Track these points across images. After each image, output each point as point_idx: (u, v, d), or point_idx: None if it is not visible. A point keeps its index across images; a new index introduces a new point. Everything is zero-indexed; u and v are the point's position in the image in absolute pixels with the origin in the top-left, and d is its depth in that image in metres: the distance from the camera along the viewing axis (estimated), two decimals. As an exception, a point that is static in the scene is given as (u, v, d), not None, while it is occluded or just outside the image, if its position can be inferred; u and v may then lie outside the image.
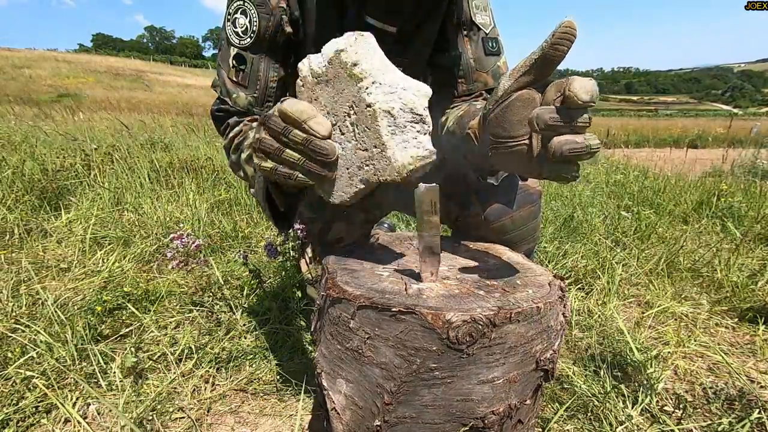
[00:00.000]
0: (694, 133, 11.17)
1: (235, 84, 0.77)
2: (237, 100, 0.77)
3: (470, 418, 0.50)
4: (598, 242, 1.76)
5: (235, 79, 0.76)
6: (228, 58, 0.77)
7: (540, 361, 0.52)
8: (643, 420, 0.83)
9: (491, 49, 0.84)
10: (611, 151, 4.91)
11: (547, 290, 0.54)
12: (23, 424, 0.80)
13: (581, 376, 0.96)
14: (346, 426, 0.54)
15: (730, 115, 17.08)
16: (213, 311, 1.18)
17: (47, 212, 1.97)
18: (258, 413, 0.88)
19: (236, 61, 0.76)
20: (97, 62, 36.06)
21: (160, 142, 3.44)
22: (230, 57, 0.76)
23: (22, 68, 26.33)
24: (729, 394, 0.92)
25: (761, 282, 1.44)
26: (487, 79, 0.85)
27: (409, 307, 0.47)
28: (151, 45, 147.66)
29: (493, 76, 0.85)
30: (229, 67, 0.76)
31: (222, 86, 0.79)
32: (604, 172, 3.11)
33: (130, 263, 1.47)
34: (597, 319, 1.22)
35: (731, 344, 1.18)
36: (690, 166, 3.54)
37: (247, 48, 0.74)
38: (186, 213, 1.94)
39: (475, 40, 0.83)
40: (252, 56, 0.75)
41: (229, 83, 0.77)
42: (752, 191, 2.60)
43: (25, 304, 1.18)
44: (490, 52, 0.84)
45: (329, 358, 0.56)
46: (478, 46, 0.84)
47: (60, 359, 0.94)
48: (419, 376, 0.48)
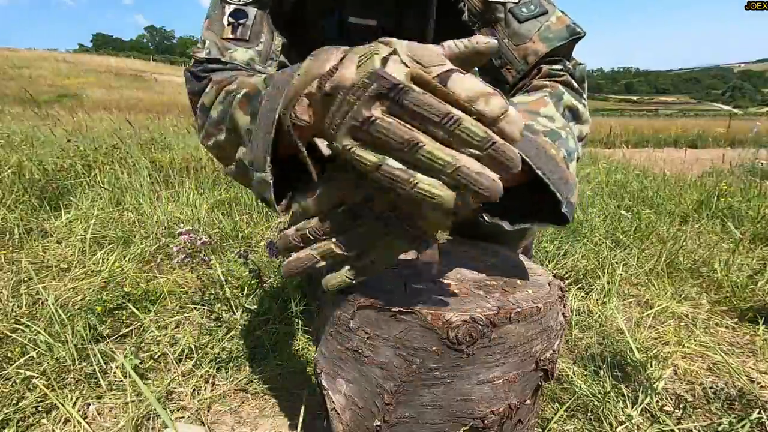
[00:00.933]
0: (694, 133, 11.17)
1: (231, 40, 0.65)
2: (234, 55, 0.64)
3: (470, 418, 0.50)
4: (598, 242, 1.76)
5: (232, 35, 0.65)
6: (222, 18, 0.67)
7: (540, 361, 0.52)
8: (643, 420, 0.83)
9: (529, 13, 0.69)
10: (611, 151, 4.91)
11: (547, 290, 0.54)
12: (23, 424, 0.80)
13: (581, 376, 0.96)
14: (346, 426, 0.54)
15: (728, 114, 17.20)
16: (213, 311, 1.18)
17: (47, 212, 1.97)
18: (258, 413, 0.88)
19: (234, 17, 0.66)
20: (97, 62, 36.08)
21: (160, 142, 3.45)
22: (225, 16, 0.66)
23: (22, 68, 26.34)
24: (729, 394, 0.92)
25: (761, 282, 1.44)
26: (535, 47, 0.68)
27: (409, 307, 0.47)
28: (151, 45, 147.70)
29: (542, 40, 0.68)
30: (223, 26, 0.66)
31: (210, 47, 0.66)
32: (604, 172, 3.11)
33: (130, 263, 1.47)
34: (597, 319, 1.22)
35: (731, 344, 1.18)
36: (690, 166, 3.54)
37: (248, 3, 0.66)
38: (186, 213, 1.94)
39: (502, 17, 0.69)
40: (255, 10, 0.66)
41: (221, 42, 0.65)
42: (752, 191, 2.60)
43: (25, 304, 1.18)
44: (526, 17, 0.68)
45: (329, 358, 0.56)
46: (508, 21, 0.69)
47: (60, 359, 0.95)
48: (419, 376, 0.48)
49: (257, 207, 2.18)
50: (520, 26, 0.68)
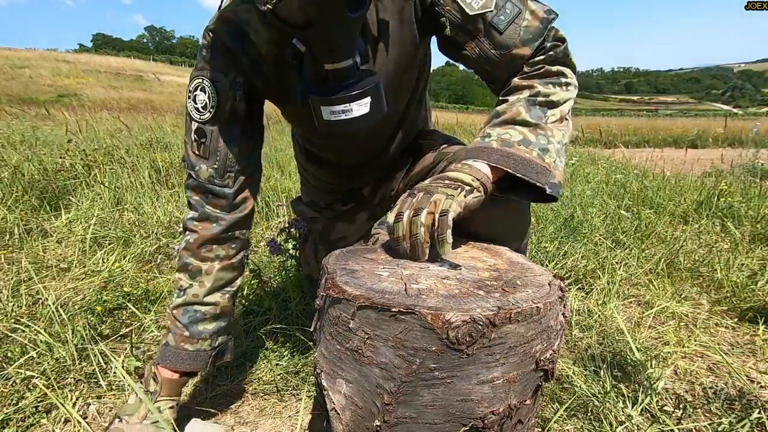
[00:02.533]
0: (693, 133, 11.16)
1: (197, 157, 0.79)
2: (199, 172, 0.79)
3: (470, 419, 0.50)
4: (598, 242, 1.76)
5: (197, 152, 0.78)
6: (190, 132, 0.79)
7: (540, 361, 0.52)
8: (643, 420, 0.83)
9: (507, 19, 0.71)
10: (611, 151, 4.91)
11: (547, 290, 0.54)
12: (23, 424, 0.80)
13: (581, 376, 0.96)
14: (346, 426, 0.54)
15: (729, 115, 17.06)
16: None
17: (47, 212, 1.97)
18: (258, 413, 0.88)
19: (197, 134, 0.78)
20: (98, 62, 36.07)
21: (160, 142, 3.45)
22: (192, 131, 0.78)
23: (22, 68, 26.34)
24: (729, 394, 0.92)
25: (761, 282, 1.44)
26: (521, 53, 0.73)
27: (409, 307, 0.47)
28: (151, 45, 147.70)
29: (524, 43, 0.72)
30: (192, 140, 0.79)
31: (187, 160, 0.81)
32: (604, 172, 3.11)
33: (130, 263, 1.47)
34: (597, 319, 1.22)
35: (731, 344, 1.18)
36: (690, 166, 3.54)
37: (206, 122, 0.77)
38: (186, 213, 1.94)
39: (483, 30, 0.73)
40: (211, 129, 0.77)
41: (192, 156, 0.79)
42: (752, 191, 2.61)
43: (25, 304, 1.18)
44: (505, 25, 0.71)
45: (329, 358, 0.56)
46: (490, 34, 0.73)
47: (60, 359, 0.95)
48: (419, 376, 0.48)
49: (257, 207, 2.18)
50: (503, 36, 0.73)
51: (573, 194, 2.34)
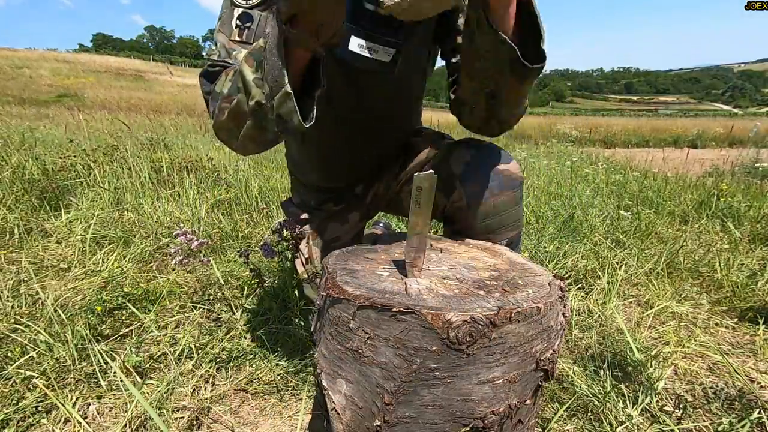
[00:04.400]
0: (693, 133, 11.16)
1: (238, 43, 0.71)
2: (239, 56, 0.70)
3: (470, 419, 0.50)
4: (598, 242, 1.76)
5: (239, 38, 0.71)
6: (230, 20, 0.72)
7: (540, 361, 0.52)
8: (643, 420, 0.83)
9: None
10: (611, 151, 4.91)
11: (547, 290, 0.54)
12: (23, 424, 0.80)
13: (581, 376, 0.96)
14: (346, 426, 0.54)
15: (729, 115, 16.95)
16: (213, 311, 1.18)
17: (47, 212, 1.97)
18: (258, 413, 0.88)
19: (241, 20, 0.72)
20: (97, 62, 36.03)
21: (160, 142, 3.44)
22: (233, 18, 0.72)
23: (22, 68, 26.31)
24: (729, 394, 0.92)
25: (761, 282, 1.44)
26: None
27: (409, 307, 0.47)
28: (151, 45, 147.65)
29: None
30: (232, 29, 0.72)
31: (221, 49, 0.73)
32: (604, 172, 3.11)
33: (130, 263, 1.47)
34: (597, 319, 1.22)
35: (731, 344, 1.18)
36: (690, 166, 3.54)
37: (255, 6, 0.71)
38: (186, 213, 1.94)
39: None
40: (260, 13, 0.72)
41: (231, 45, 0.72)
42: (752, 191, 2.61)
43: (25, 304, 1.17)
44: None
45: (329, 358, 0.56)
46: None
47: (60, 359, 0.94)
48: (419, 376, 0.48)
49: (257, 207, 2.18)
50: None
51: (573, 194, 2.35)
